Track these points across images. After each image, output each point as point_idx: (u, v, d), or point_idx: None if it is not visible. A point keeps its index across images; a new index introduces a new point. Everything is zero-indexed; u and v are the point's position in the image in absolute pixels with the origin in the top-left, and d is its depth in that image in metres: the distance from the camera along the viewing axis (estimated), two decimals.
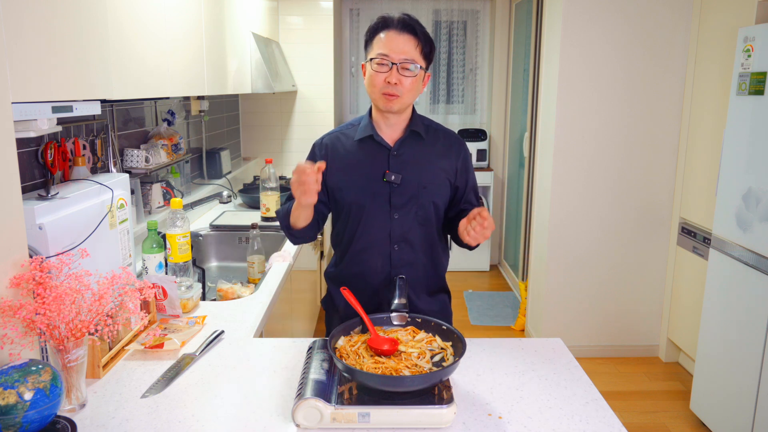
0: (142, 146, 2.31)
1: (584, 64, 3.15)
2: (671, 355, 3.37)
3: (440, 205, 1.57)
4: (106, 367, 1.35)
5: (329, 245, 3.90)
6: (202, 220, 2.85)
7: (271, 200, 2.83)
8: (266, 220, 2.84)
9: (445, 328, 1.30)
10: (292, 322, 2.59)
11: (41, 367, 1.05)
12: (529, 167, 3.86)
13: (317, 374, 1.19)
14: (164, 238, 1.81)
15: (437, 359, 1.23)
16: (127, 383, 1.29)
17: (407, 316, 1.37)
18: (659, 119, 3.21)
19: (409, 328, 1.34)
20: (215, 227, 2.71)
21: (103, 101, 1.56)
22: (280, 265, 2.21)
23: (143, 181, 2.30)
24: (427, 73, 1.51)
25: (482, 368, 1.37)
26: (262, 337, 1.75)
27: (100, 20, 1.41)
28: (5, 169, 1.14)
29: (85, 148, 1.86)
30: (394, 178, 1.50)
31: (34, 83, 1.17)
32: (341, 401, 1.12)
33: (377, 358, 1.21)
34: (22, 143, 1.55)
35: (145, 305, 1.56)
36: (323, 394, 1.12)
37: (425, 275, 1.60)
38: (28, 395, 1.00)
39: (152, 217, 2.31)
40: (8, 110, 1.12)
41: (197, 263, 2.23)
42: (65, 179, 1.72)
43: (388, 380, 1.13)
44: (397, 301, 1.39)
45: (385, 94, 1.45)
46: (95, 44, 1.39)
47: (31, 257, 1.21)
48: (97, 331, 1.16)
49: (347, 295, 1.37)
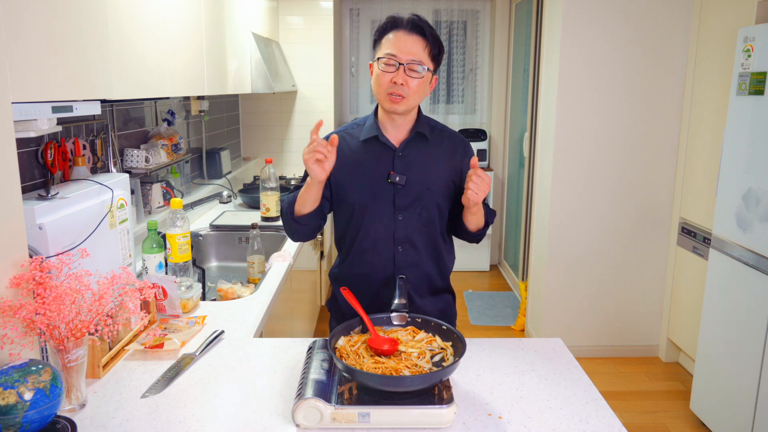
0: (142, 146, 2.31)
1: (584, 64, 3.15)
2: (671, 355, 3.37)
3: (444, 206, 1.56)
4: (106, 367, 1.35)
5: (329, 245, 3.90)
6: (202, 220, 2.85)
7: (271, 200, 2.83)
8: (266, 220, 2.84)
9: (445, 328, 1.30)
10: (292, 322, 2.59)
11: (41, 367, 1.05)
12: (529, 167, 3.86)
13: (317, 374, 1.18)
14: (164, 238, 1.81)
15: (437, 359, 1.23)
16: (127, 383, 1.29)
17: (407, 316, 1.37)
18: (659, 119, 3.21)
19: (409, 328, 1.34)
20: (215, 227, 2.71)
21: (103, 101, 1.56)
22: (280, 265, 2.21)
23: (143, 181, 2.30)
24: (434, 75, 1.50)
25: (482, 368, 1.37)
26: (262, 337, 1.75)
27: (100, 20, 1.41)
28: (5, 169, 1.14)
29: (85, 148, 1.86)
30: (398, 179, 1.49)
31: (34, 83, 1.17)
32: (341, 401, 1.12)
33: (377, 358, 1.21)
34: (22, 143, 1.55)
35: (145, 305, 1.56)
36: (323, 394, 1.12)
37: (429, 276, 1.59)
38: (28, 395, 1.00)
39: (152, 217, 2.31)
40: (8, 110, 1.12)
41: (197, 263, 2.23)
42: (65, 179, 1.72)
43: (388, 380, 1.13)
44: (397, 301, 1.39)
45: (390, 94, 1.44)
46: (95, 44, 1.39)
47: (31, 257, 1.21)
48: (97, 331, 1.16)
49: (347, 294, 1.37)
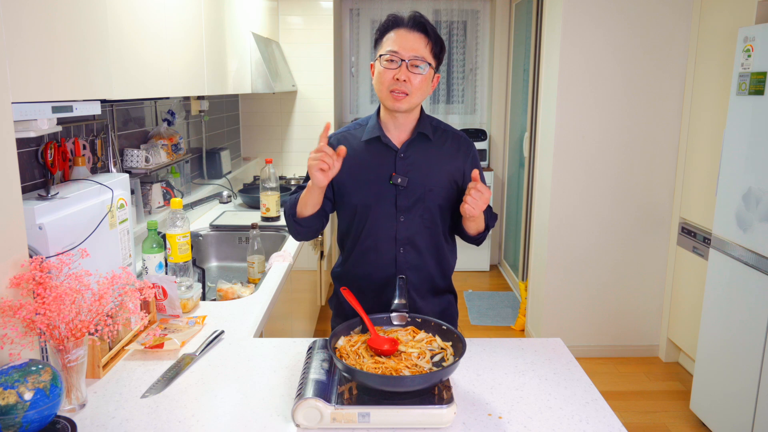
0: (142, 146, 2.31)
1: (584, 64, 3.15)
2: (671, 355, 3.37)
3: (446, 207, 1.55)
4: (106, 367, 1.35)
5: (329, 245, 3.90)
6: (202, 220, 2.85)
7: (271, 200, 2.83)
8: (266, 220, 2.84)
9: (445, 328, 1.30)
10: (292, 322, 2.59)
11: (41, 367, 1.05)
12: (529, 167, 3.86)
13: (317, 374, 1.18)
14: (164, 238, 1.81)
15: (437, 359, 1.23)
16: (127, 383, 1.29)
17: (407, 316, 1.37)
18: (659, 119, 3.21)
19: (409, 328, 1.34)
20: (215, 227, 2.71)
21: (103, 101, 1.56)
22: (280, 265, 2.21)
23: (143, 181, 2.30)
24: (436, 74, 1.50)
25: (482, 368, 1.37)
26: (262, 337, 1.75)
27: (100, 20, 1.41)
28: (5, 169, 1.14)
29: (85, 148, 1.86)
30: (400, 180, 1.49)
31: (34, 83, 1.17)
32: (341, 401, 1.12)
33: (377, 358, 1.21)
34: (22, 143, 1.55)
35: (145, 305, 1.56)
36: (323, 394, 1.12)
37: (431, 277, 1.59)
38: (28, 395, 1.00)
39: (152, 217, 2.31)
40: (8, 110, 1.12)
41: (197, 263, 2.23)
42: (65, 179, 1.72)
43: (388, 380, 1.13)
44: (397, 301, 1.39)
45: (393, 91, 1.43)
46: (95, 44, 1.39)
47: (31, 257, 1.21)
48: (97, 331, 1.16)
49: (347, 294, 1.37)
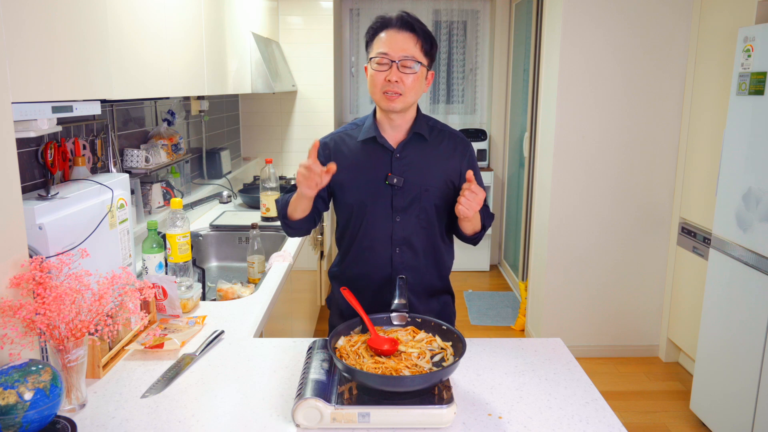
0: (142, 146, 2.31)
1: (584, 64, 3.15)
2: (671, 355, 3.37)
3: (443, 207, 1.55)
4: (106, 367, 1.35)
5: (329, 245, 3.90)
6: (202, 220, 2.85)
7: (271, 200, 2.83)
8: (266, 220, 2.84)
9: (445, 328, 1.30)
10: (292, 322, 2.59)
11: (41, 367, 1.05)
12: (529, 167, 3.86)
13: (317, 374, 1.18)
14: (164, 238, 1.81)
15: (437, 359, 1.23)
16: (127, 383, 1.29)
17: (407, 316, 1.37)
18: (659, 119, 3.21)
19: (409, 328, 1.34)
20: (215, 227, 2.71)
21: (103, 101, 1.56)
22: (280, 265, 2.21)
23: (143, 181, 2.30)
24: (430, 71, 1.50)
25: (482, 368, 1.37)
26: (262, 337, 1.75)
27: (100, 20, 1.41)
28: (5, 169, 1.14)
29: (85, 148, 1.86)
30: (396, 180, 1.49)
31: (34, 83, 1.17)
32: (341, 401, 1.12)
33: (377, 358, 1.21)
34: (22, 143, 1.54)
35: (145, 305, 1.56)
36: (323, 394, 1.12)
37: (428, 278, 1.59)
38: (28, 395, 1.00)
39: (152, 217, 2.31)
40: (8, 110, 1.12)
41: (197, 263, 2.23)
42: (65, 179, 1.72)
43: (388, 380, 1.13)
44: (397, 301, 1.39)
45: (386, 92, 1.44)
46: (95, 44, 1.39)
47: (31, 257, 1.21)
48: (97, 331, 1.16)
49: (347, 295, 1.37)
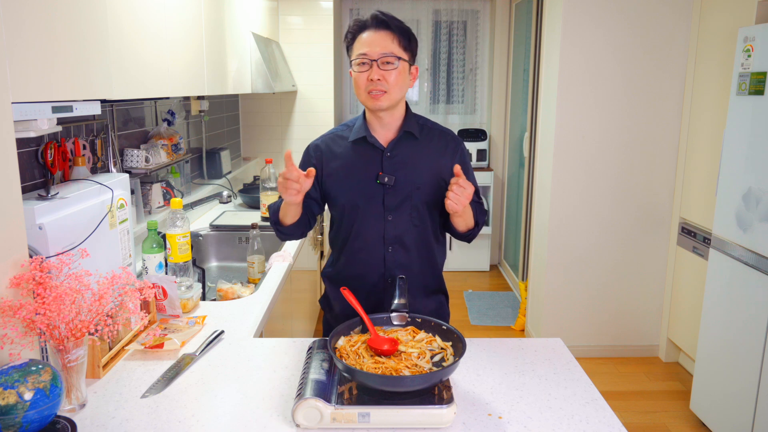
0: (142, 146, 2.31)
1: (584, 64, 3.15)
2: (671, 355, 3.37)
3: (434, 205, 1.56)
4: (106, 367, 1.35)
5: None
6: (202, 220, 2.85)
7: (270, 200, 2.83)
8: (266, 220, 2.83)
9: (445, 328, 1.30)
10: (292, 322, 2.59)
11: (41, 367, 1.05)
12: (529, 167, 3.86)
13: (317, 374, 1.18)
14: (164, 238, 1.81)
15: (437, 359, 1.23)
16: (127, 383, 1.29)
17: (407, 316, 1.37)
18: (659, 119, 3.21)
19: (409, 328, 1.34)
20: (215, 227, 2.71)
21: (103, 101, 1.56)
22: (280, 265, 2.21)
23: (143, 181, 2.30)
24: (413, 65, 1.51)
25: (482, 368, 1.37)
26: (262, 337, 1.75)
27: (100, 20, 1.41)
28: (5, 169, 1.14)
29: (85, 148, 1.86)
30: (387, 179, 1.50)
31: (34, 83, 1.17)
32: (341, 401, 1.12)
33: (377, 358, 1.21)
34: (22, 143, 1.55)
35: (145, 305, 1.56)
36: (323, 394, 1.12)
37: (421, 276, 1.59)
38: (28, 395, 1.00)
39: (152, 217, 2.31)
40: (8, 110, 1.12)
41: (197, 263, 2.23)
42: (65, 179, 1.72)
43: (388, 380, 1.13)
44: (397, 301, 1.39)
45: (370, 92, 1.44)
46: (95, 44, 1.39)
47: (31, 257, 1.21)
48: (97, 331, 1.16)
49: (347, 295, 1.36)
